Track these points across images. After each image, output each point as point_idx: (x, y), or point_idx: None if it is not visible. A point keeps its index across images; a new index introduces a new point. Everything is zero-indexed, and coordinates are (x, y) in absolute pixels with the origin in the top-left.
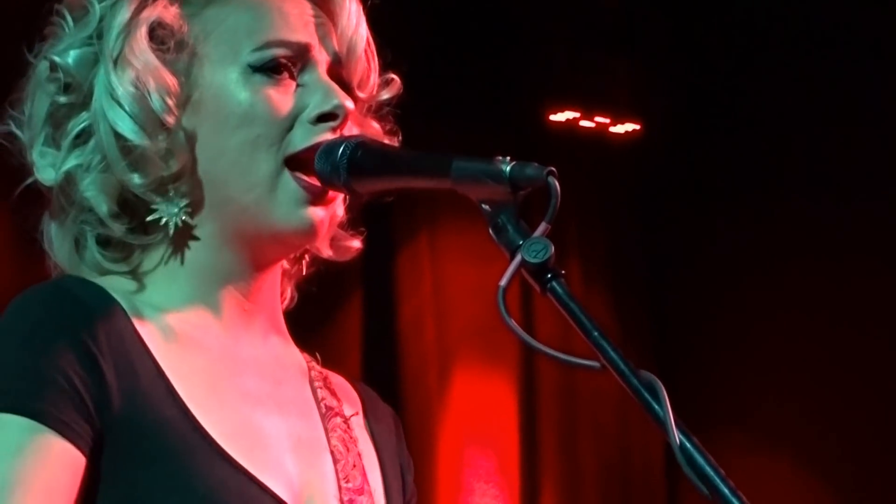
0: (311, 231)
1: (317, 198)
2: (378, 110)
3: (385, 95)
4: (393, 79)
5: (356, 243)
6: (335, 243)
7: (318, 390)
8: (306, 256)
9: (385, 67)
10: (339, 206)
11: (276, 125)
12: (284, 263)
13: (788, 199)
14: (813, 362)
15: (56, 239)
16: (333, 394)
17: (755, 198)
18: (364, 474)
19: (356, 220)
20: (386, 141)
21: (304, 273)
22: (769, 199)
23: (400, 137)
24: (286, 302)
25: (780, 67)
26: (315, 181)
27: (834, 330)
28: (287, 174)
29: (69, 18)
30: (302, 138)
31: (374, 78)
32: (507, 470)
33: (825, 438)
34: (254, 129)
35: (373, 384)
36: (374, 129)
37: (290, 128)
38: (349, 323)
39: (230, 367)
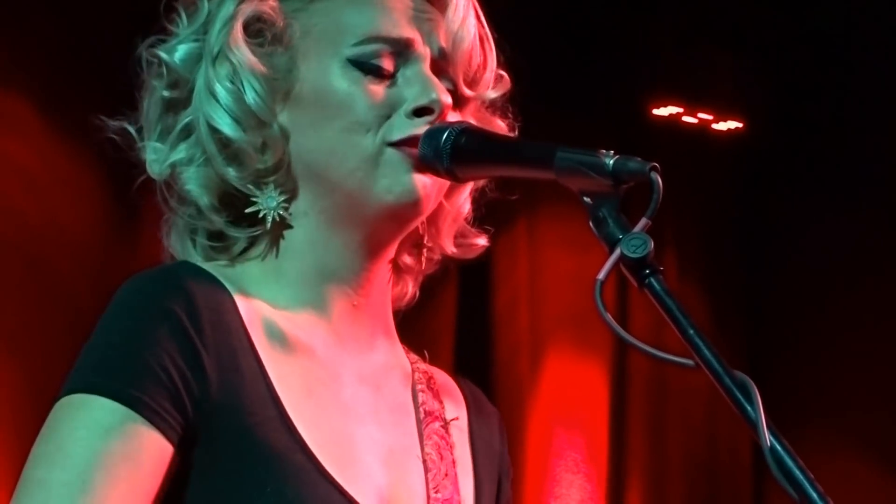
0: (415, 197)
1: (420, 167)
2: (494, 105)
3: (495, 94)
4: (502, 76)
5: (482, 241)
6: (460, 240)
7: (420, 394)
8: (425, 249)
9: (504, 62)
10: (462, 193)
11: (374, 113)
12: (406, 259)
13: (891, 201)
14: None
15: (172, 233)
16: (436, 396)
17: (855, 198)
18: (455, 483)
19: (484, 218)
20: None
21: (424, 268)
22: (869, 200)
23: (517, 131)
24: (407, 298)
25: (889, 68)
26: (415, 153)
27: None
28: (389, 149)
29: (182, 15)
30: (399, 129)
31: (489, 75)
32: (594, 459)
33: None
34: (351, 115)
35: (464, 368)
36: (499, 125)
37: (388, 117)
38: (443, 306)
39: (330, 373)
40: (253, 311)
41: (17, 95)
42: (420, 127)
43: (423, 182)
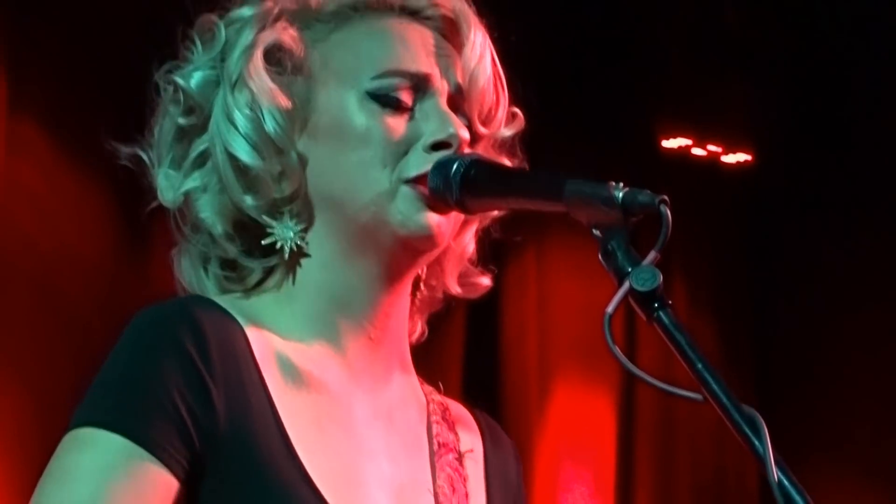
0: (429, 233)
1: (434, 205)
2: (504, 144)
3: (508, 132)
4: (516, 114)
5: (486, 280)
6: (464, 279)
7: (435, 425)
8: (427, 287)
9: (516, 99)
10: (467, 233)
11: (391, 148)
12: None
13: None
14: None
15: (183, 262)
16: (451, 428)
17: (864, 230)
18: None
19: (487, 257)
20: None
21: (438, 306)
22: (878, 231)
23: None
24: (416, 335)
25: None
26: (427, 192)
27: None
28: (404, 186)
29: (198, 42)
30: (416, 165)
31: (501, 113)
32: (602, 489)
33: None
34: (369, 150)
35: (472, 396)
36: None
37: (405, 153)
38: (452, 336)
39: (342, 407)
40: (265, 344)
41: (27, 120)
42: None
43: (437, 220)
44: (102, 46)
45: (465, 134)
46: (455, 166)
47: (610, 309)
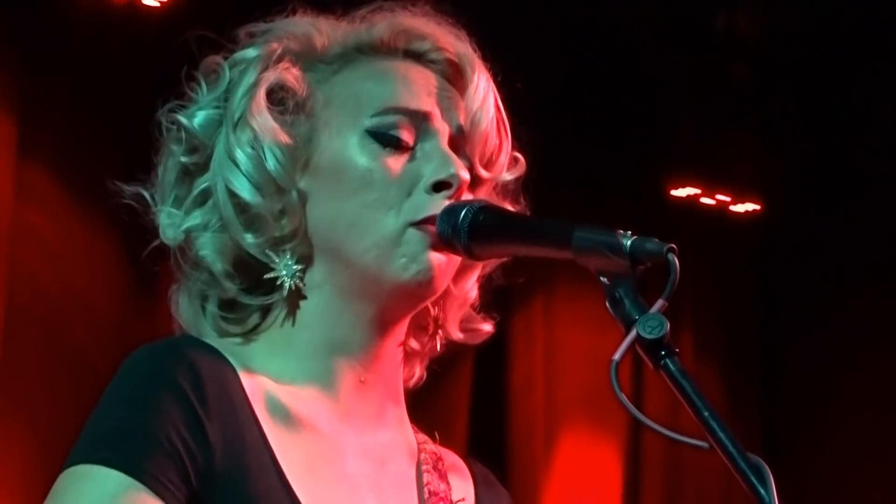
0: (430, 275)
1: (438, 247)
2: (506, 189)
3: (510, 176)
4: (518, 158)
5: (487, 327)
6: (466, 325)
7: (425, 474)
8: (439, 332)
9: (523, 146)
10: (470, 278)
11: (394, 190)
12: (414, 343)
13: None
14: None
15: (181, 300)
16: (443, 477)
17: (873, 280)
18: None
19: (494, 305)
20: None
21: (437, 350)
22: (888, 282)
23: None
24: (414, 380)
25: None
26: (434, 233)
27: None
28: (411, 229)
29: (202, 83)
30: (421, 207)
31: (504, 157)
32: None
33: None
34: (371, 193)
35: (479, 445)
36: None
37: (409, 194)
38: (458, 383)
39: (333, 447)
40: (256, 386)
41: (36, 165)
42: (439, 202)
43: (439, 260)
44: (110, 93)
45: (466, 175)
46: (464, 212)
47: (617, 356)
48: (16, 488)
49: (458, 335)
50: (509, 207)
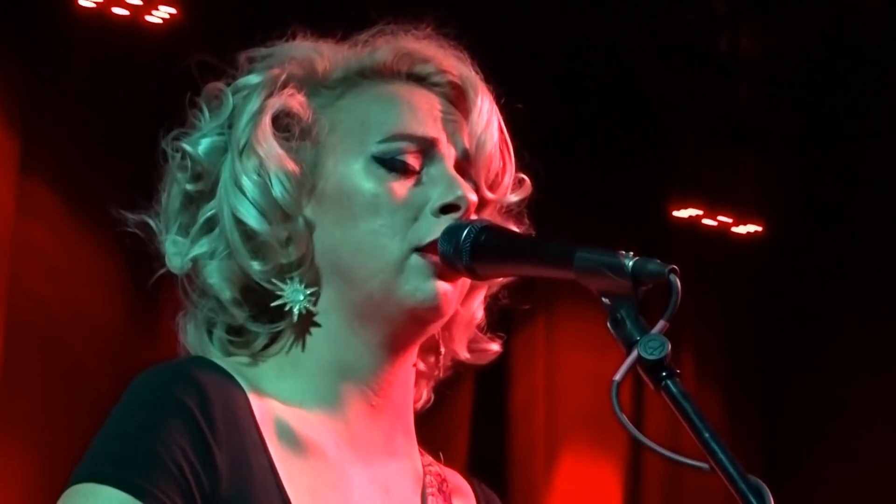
0: (436, 302)
1: (443, 273)
2: (510, 210)
3: (515, 198)
4: (523, 180)
5: (495, 346)
6: (473, 345)
7: (430, 497)
8: (443, 353)
9: (524, 167)
10: (476, 299)
11: (400, 216)
12: (420, 365)
13: None
14: None
15: (189, 327)
16: (447, 500)
17: (876, 302)
18: None
19: (502, 316)
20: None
21: (442, 374)
22: (888, 307)
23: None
24: (421, 402)
25: None
26: (438, 260)
27: None
28: (415, 255)
29: (205, 109)
30: (427, 231)
31: (508, 179)
32: None
33: None
34: (378, 219)
35: (479, 464)
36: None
37: (415, 219)
38: (459, 402)
39: (339, 474)
40: (266, 409)
41: (40, 181)
42: (446, 225)
43: (445, 288)
44: (112, 109)
45: (474, 196)
46: (465, 232)
47: (618, 377)
48: (16, 501)
49: (465, 355)
50: (514, 229)
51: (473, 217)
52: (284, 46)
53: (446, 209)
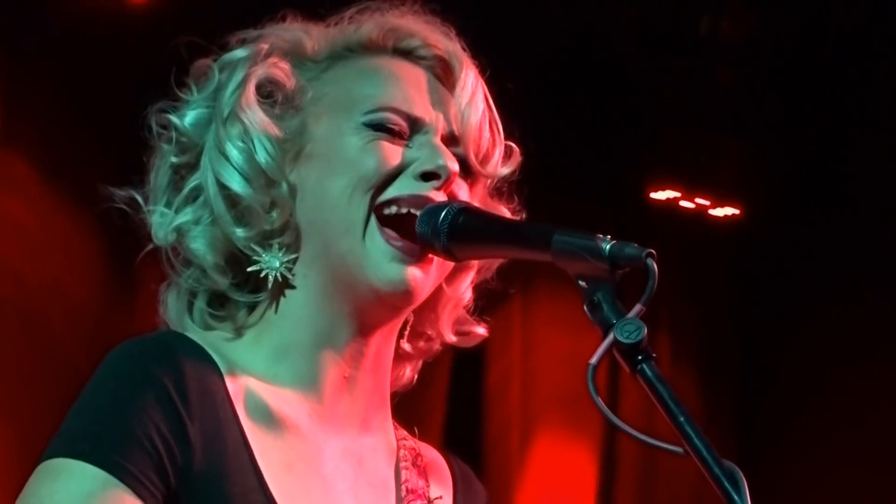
0: (406, 289)
1: (410, 257)
2: (500, 189)
3: (507, 169)
4: (512, 148)
5: (481, 330)
6: (458, 328)
7: (404, 471)
8: (431, 335)
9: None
10: (463, 280)
11: (380, 173)
12: (405, 345)
13: (887, 294)
14: None
15: (169, 298)
16: (421, 474)
17: (852, 287)
18: None
19: (478, 296)
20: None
21: (432, 353)
22: (866, 289)
23: (523, 215)
24: (403, 382)
25: (886, 157)
26: (407, 241)
27: None
28: (374, 223)
29: (193, 85)
30: (399, 188)
31: (498, 152)
32: None
33: None
34: (358, 172)
35: (454, 443)
36: (503, 211)
37: (394, 179)
38: (436, 381)
39: (312, 448)
40: (239, 385)
41: (17, 155)
42: (424, 190)
43: (415, 274)
44: (94, 86)
45: (455, 167)
46: (443, 214)
47: (594, 360)
48: None
49: (451, 338)
50: (503, 208)
51: (462, 195)
52: (273, 27)
53: (427, 176)
